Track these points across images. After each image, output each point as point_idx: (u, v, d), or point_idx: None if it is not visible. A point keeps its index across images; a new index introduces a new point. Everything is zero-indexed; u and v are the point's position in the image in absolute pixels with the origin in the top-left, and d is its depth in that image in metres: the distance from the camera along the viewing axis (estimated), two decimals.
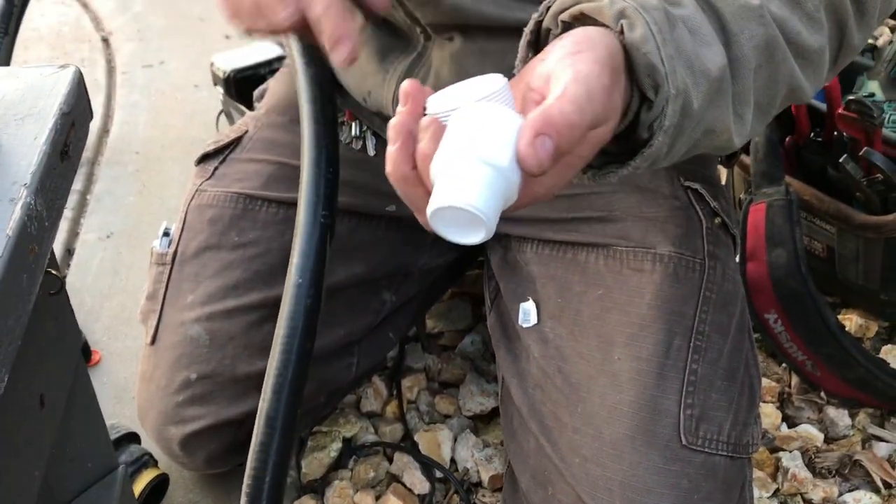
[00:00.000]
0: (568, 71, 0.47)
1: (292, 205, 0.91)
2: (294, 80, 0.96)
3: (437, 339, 1.16)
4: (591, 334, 0.76)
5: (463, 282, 1.21)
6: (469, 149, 0.46)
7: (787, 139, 1.16)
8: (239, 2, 0.61)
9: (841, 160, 1.04)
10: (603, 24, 0.51)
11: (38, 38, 1.96)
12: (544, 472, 0.76)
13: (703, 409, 0.73)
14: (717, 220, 0.80)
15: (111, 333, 1.18)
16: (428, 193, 0.48)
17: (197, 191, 0.93)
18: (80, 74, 0.56)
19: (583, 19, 0.52)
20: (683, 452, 0.71)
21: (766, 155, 1.12)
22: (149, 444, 0.94)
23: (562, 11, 0.53)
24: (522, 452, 0.79)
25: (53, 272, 0.55)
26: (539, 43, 0.56)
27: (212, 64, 1.51)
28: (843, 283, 1.15)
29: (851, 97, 1.04)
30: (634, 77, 0.51)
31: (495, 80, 0.50)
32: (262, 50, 1.52)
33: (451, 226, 0.46)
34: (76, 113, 0.53)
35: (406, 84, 0.50)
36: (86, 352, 1.14)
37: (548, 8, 0.55)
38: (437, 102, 0.50)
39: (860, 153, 1.01)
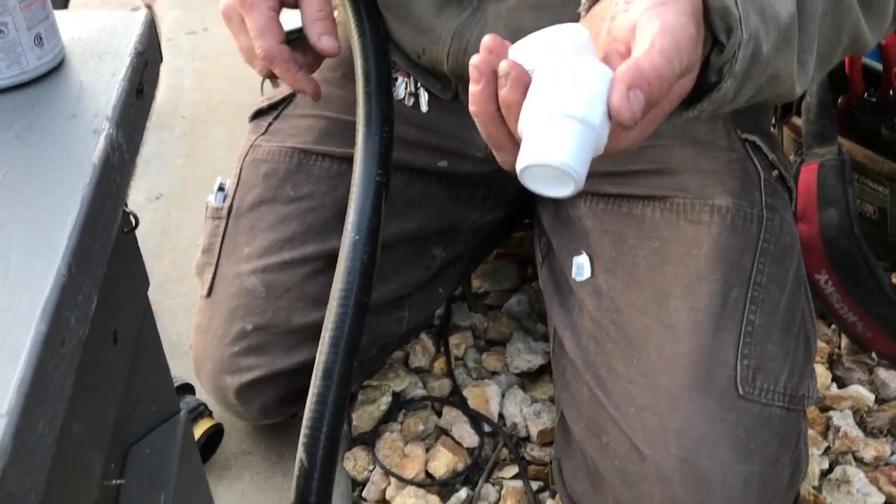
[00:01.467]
0: (655, 22, 0.47)
1: (345, 159, 0.92)
2: (346, 36, 0.97)
3: (483, 298, 1.17)
4: (646, 286, 0.77)
5: (509, 243, 1.21)
6: (560, 105, 0.45)
7: (840, 99, 1.14)
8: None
9: None
10: None
11: (83, 4, 1.98)
12: (598, 422, 0.76)
13: (760, 360, 0.72)
14: (775, 173, 0.79)
15: (163, 291, 1.21)
16: (510, 135, 0.48)
17: (251, 146, 0.94)
18: (152, 17, 0.57)
19: None
20: (740, 402, 0.71)
21: (819, 115, 1.10)
22: (203, 395, 0.96)
23: None
24: (576, 402, 0.79)
25: (126, 210, 0.56)
26: None
27: None
28: (895, 245, 1.14)
29: None
30: (708, 20, 0.50)
31: (578, 32, 0.49)
32: None
33: (540, 181, 0.46)
34: (149, 53, 0.54)
35: (487, 38, 0.49)
36: None
37: None
38: (519, 52, 0.49)
39: None
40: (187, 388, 0.97)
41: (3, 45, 0.47)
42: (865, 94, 1.13)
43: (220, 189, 0.95)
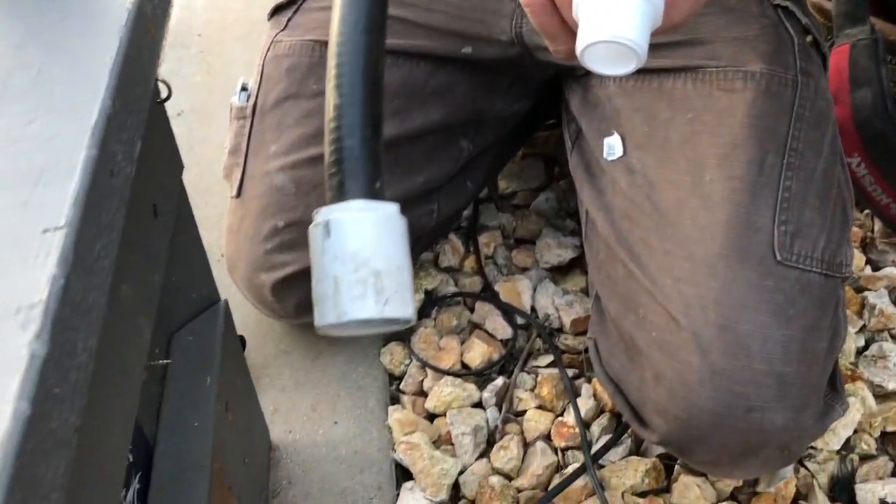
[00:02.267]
0: None
1: None
2: None
3: (511, 198, 1.17)
4: (680, 159, 0.76)
5: (534, 142, 1.20)
6: None
7: None
8: None
9: None
10: None
11: None
12: (634, 297, 0.76)
13: (798, 226, 0.72)
14: (809, 38, 0.77)
15: (190, 203, 1.21)
16: (563, 22, 0.48)
17: (272, 42, 0.93)
18: None
19: None
20: (778, 268, 0.71)
21: None
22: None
23: None
24: (610, 281, 0.79)
25: (159, 80, 0.56)
26: None
27: None
28: None
29: None
30: None
31: None
32: None
33: (603, 60, 0.46)
34: None
35: None
36: None
37: None
38: None
39: None
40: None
41: None
42: None
43: (244, 89, 0.94)
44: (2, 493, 0.23)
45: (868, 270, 1.03)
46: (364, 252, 0.44)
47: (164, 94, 0.56)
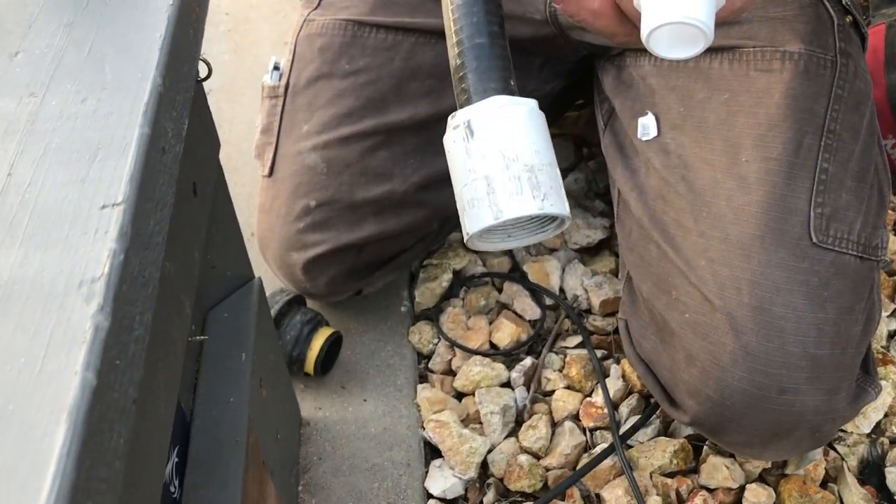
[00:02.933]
0: None
1: (400, 29, 0.90)
2: None
3: None
4: (716, 139, 0.75)
5: (564, 123, 1.20)
6: None
7: None
8: None
9: None
10: None
11: None
12: (667, 278, 0.76)
13: (834, 209, 0.71)
14: (848, 18, 0.76)
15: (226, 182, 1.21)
16: (621, 16, 0.47)
17: (305, 21, 0.93)
18: None
19: None
20: (813, 251, 0.70)
21: None
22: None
23: None
24: (643, 262, 0.79)
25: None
26: None
27: None
28: None
29: None
30: None
31: None
32: None
33: (669, 44, 0.46)
34: None
35: None
36: None
37: None
38: None
39: None
40: (301, 300, 0.93)
41: None
42: None
43: (276, 68, 0.95)
44: (73, 458, 0.23)
45: None
46: (514, 147, 0.43)
47: (203, 74, 0.56)
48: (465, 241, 0.47)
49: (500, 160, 0.44)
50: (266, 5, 1.58)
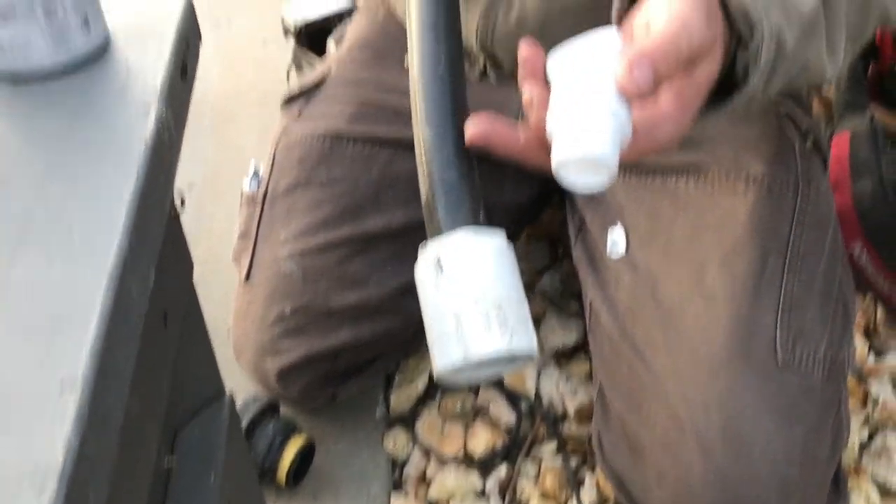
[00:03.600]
0: (663, 10, 0.49)
1: (378, 141, 0.92)
2: (376, 20, 0.97)
3: None
4: (683, 258, 0.77)
5: (539, 222, 1.21)
6: (573, 99, 0.47)
7: (871, 67, 1.13)
8: None
9: None
10: None
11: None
12: (638, 394, 0.76)
13: (800, 328, 0.72)
14: (810, 141, 0.79)
15: (197, 279, 1.22)
16: (543, 146, 0.49)
17: (284, 131, 0.95)
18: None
19: None
20: (781, 371, 0.71)
21: (850, 84, 1.10)
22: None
23: None
24: (615, 376, 0.80)
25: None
26: None
27: (282, 18, 1.53)
28: None
29: None
30: (729, 19, 0.52)
31: (605, 33, 0.51)
32: (331, 1, 1.53)
33: (577, 175, 0.47)
34: (190, 34, 0.55)
35: (522, 46, 0.51)
36: None
37: None
38: (554, 59, 0.50)
39: None
40: (273, 407, 0.93)
41: (53, 27, 0.48)
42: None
43: (255, 175, 0.96)
44: None
45: (871, 359, 1.03)
46: (482, 284, 0.43)
47: (178, 204, 0.57)
48: (434, 375, 0.47)
49: (468, 297, 0.44)
50: (252, 100, 1.61)
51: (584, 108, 0.47)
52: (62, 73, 0.49)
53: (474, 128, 0.49)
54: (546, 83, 0.50)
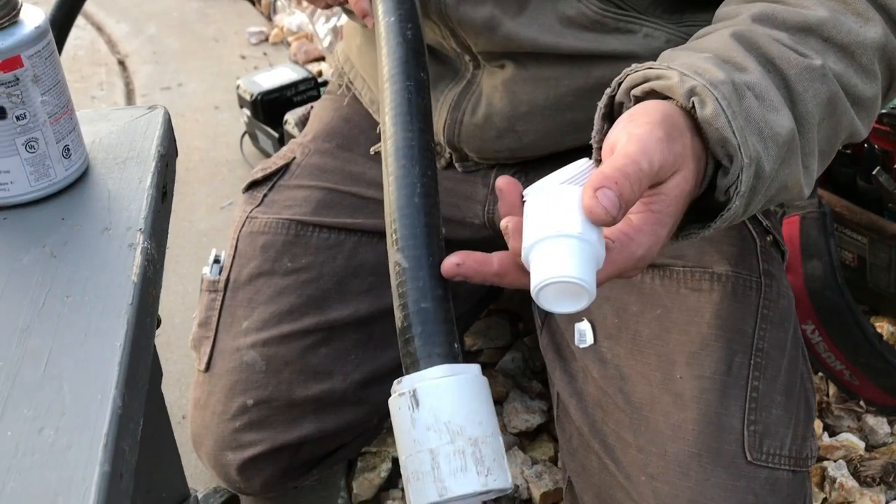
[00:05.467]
0: (623, 135, 0.52)
1: (343, 229, 0.92)
2: (341, 107, 0.98)
3: (477, 356, 1.17)
4: (650, 354, 0.78)
5: (501, 298, 1.22)
6: (546, 227, 0.48)
7: None
8: None
9: (874, 172, 1.05)
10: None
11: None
12: (609, 491, 0.77)
13: (766, 425, 0.74)
14: (769, 238, 0.81)
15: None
16: (522, 271, 0.50)
17: (248, 218, 0.94)
18: (169, 115, 0.57)
19: (654, 94, 0.55)
20: (748, 468, 0.72)
21: None
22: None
23: (633, 87, 0.56)
24: (585, 472, 0.80)
25: None
26: (613, 115, 0.58)
27: (238, 87, 1.53)
28: (873, 291, 1.17)
29: (884, 111, 1.06)
30: (709, 148, 0.54)
31: (580, 162, 0.54)
32: (286, 72, 1.53)
33: (556, 299, 0.48)
34: (169, 154, 0.55)
35: (500, 181, 0.52)
36: None
37: (619, 83, 0.57)
38: (532, 193, 0.52)
39: (895, 165, 1.02)
40: (234, 501, 0.89)
41: (33, 159, 0.47)
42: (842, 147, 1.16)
43: (216, 261, 0.95)
44: None
45: (826, 437, 1.05)
46: (458, 420, 0.43)
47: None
48: None
49: (444, 434, 0.44)
50: (203, 169, 1.59)
51: (555, 235, 0.48)
52: (41, 202, 0.48)
53: (448, 264, 0.50)
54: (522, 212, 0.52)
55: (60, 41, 0.96)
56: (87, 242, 0.46)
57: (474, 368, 0.47)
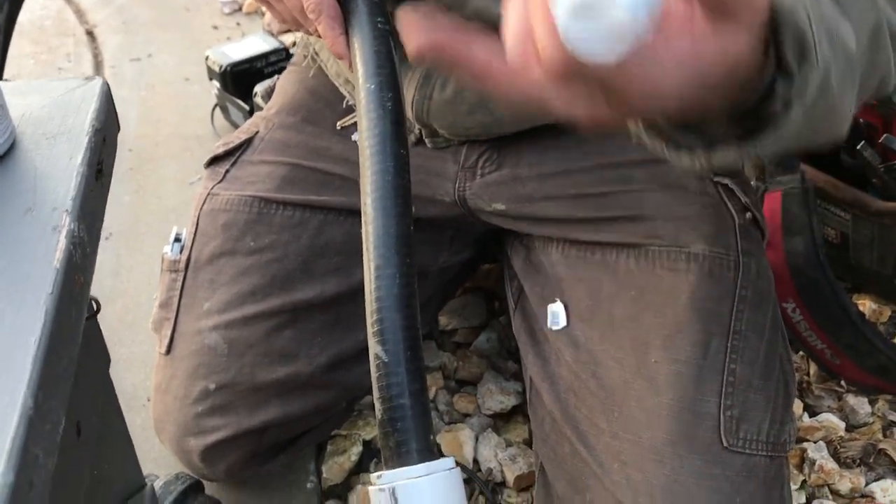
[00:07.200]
0: None
1: (308, 207, 0.88)
2: (307, 79, 0.94)
3: (451, 335, 1.15)
4: (624, 337, 0.75)
5: (476, 276, 1.19)
6: None
7: None
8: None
9: (859, 147, 1.02)
10: None
11: (19, 33, 1.90)
12: (581, 478, 0.74)
13: (743, 410, 0.71)
14: (748, 216, 0.78)
15: (115, 339, 1.15)
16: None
17: (209, 194, 0.90)
18: (108, 87, 0.53)
19: None
20: (724, 454, 0.70)
21: None
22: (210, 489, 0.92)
23: None
24: (557, 458, 0.77)
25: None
26: None
27: (207, 58, 1.48)
28: (856, 268, 1.14)
29: None
30: (777, 41, 0.41)
31: None
32: (256, 43, 1.49)
33: (591, 36, 0.36)
34: (107, 128, 0.51)
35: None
36: None
37: None
38: None
39: (880, 140, 1.00)
40: (196, 486, 0.85)
41: None
42: None
43: (177, 240, 0.91)
44: None
45: (806, 417, 1.03)
46: None
47: (95, 309, 0.52)
48: None
49: None
50: (173, 143, 1.54)
51: None
52: None
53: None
54: None
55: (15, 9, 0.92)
56: (8, 225, 0.42)
57: (448, 463, 0.47)
